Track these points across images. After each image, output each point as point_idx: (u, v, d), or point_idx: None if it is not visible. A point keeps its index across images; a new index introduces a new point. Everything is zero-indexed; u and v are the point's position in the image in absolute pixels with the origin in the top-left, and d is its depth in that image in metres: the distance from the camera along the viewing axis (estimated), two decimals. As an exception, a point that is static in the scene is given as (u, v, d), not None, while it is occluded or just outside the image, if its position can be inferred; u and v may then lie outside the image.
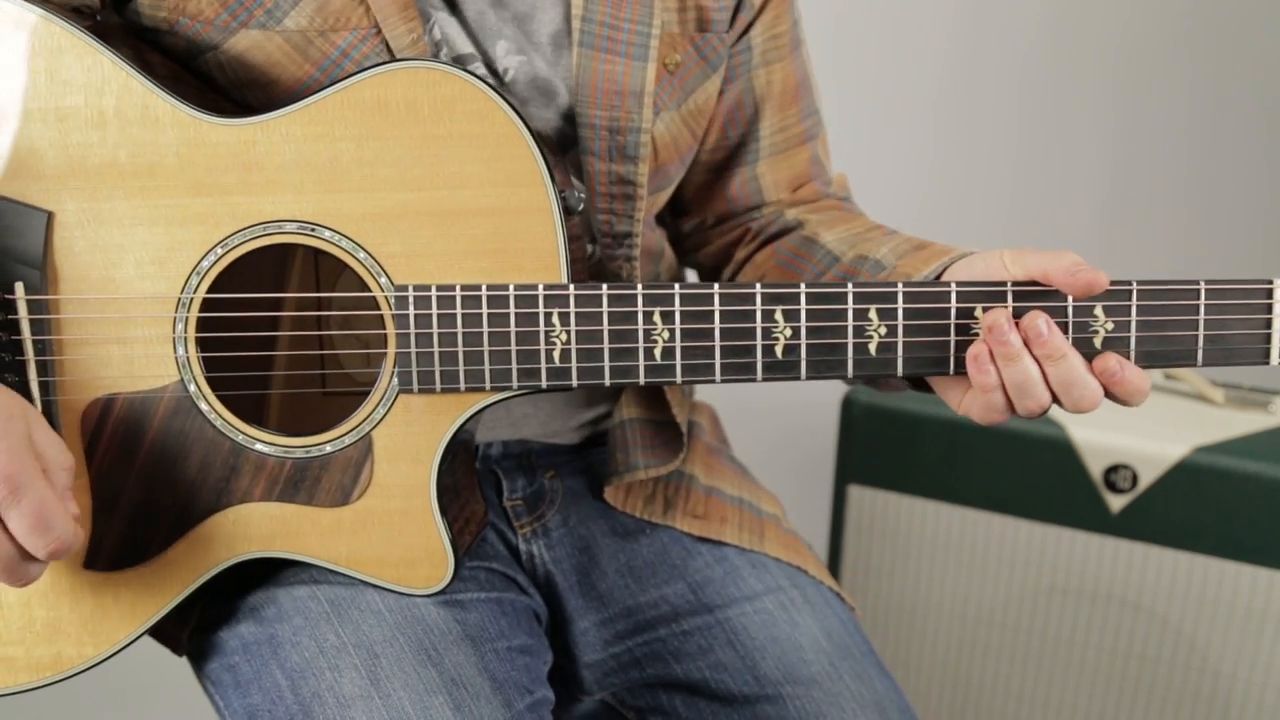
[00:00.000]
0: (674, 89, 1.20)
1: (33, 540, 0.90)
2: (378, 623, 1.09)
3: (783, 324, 1.00)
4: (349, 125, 1.00)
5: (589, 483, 1.30)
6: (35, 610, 1.07)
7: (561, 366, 1.01)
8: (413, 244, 1.01)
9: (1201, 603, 1.75)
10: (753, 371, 1.01)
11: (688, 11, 1.19)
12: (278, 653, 1.09)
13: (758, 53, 1.26)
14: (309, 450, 1.04)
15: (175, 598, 1.07)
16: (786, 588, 1.26)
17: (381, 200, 1.00)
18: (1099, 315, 0.98)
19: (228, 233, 1.01)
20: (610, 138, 1.16)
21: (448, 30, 1.12)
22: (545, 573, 1.26)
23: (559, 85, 1.15)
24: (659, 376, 1.01)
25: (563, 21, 1.15)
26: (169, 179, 1.01)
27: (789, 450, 2.35)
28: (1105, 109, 2.45)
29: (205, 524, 1.05)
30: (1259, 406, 1.84)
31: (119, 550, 1.06)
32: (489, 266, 1.01)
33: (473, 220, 1.00)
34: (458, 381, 1.01)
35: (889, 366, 1.00)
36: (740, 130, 1.28)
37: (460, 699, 1.05)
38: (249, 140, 1.00)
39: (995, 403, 0.99)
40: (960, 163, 2.47)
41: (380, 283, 1.01)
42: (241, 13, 1.06)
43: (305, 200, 1.00)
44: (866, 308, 0.99)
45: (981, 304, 0.99)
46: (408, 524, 1.05)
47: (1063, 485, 1.78)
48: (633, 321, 1.00)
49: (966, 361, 0.99)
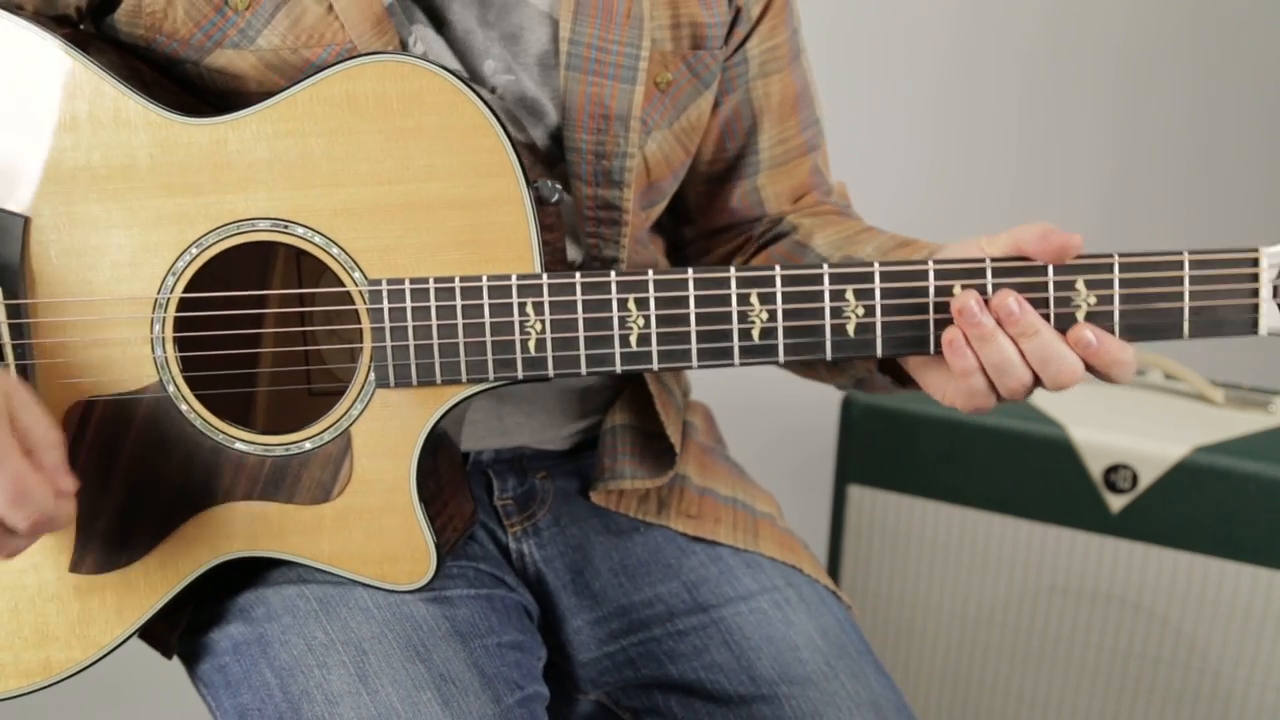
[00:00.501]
0: (666, 107, 1.20)
1: (11, 514, 0.90)
2: (366, 620, 1.09)
3: (758, 307, 0.99)
4: (319, 121, 1.00)
5: (581, 484, 1.30)
6: (23, 616, 1.07)
7: (537, 356, 1.01)
8: (385, 238, 1.01)
9: (1201, 603, 1.74)
10: (730, 356, 1.00)
11: (681, 29, 1.19)
12: (267, 652, 1.10)
13: (755, 65, 1.25)
14: (288, 448, 1.04)
15: (161, 599, 1.07)
16: (782, 587, 1.25)
17: (353, 195, 1.00)
18: (1080, 289, 0.98)
19: (201, 232, 1.01)
20: (596, 162, 1.16)
21: (432, 45, 1.12)
22: (536, 571, 1.26)
23: (547, 105, 1.15)
24: (636, 364, 1.01)
25: (550, 42, 1.14)
26: (142, 180, 1.01)
27: (788, 450, 2.35)
28: (1106, 108, 2.45)
29: (188, 524, 1.06)
30: (1259, 406, 1.84)
31: (103, 553, 1.06)
32: (462, 258, 1.01)
33: (445, 212, 1.00)
34: (434, 375, 1.01)
35: (868, 347, 1.00)
36: (739, 142, 1.28)
37: (449, 694, 1.05)
38: (220, 139, 1.01)
39: (977, 386, 0.99)
40: (960, 162, 2.48)
41: (354, 277, 1.01)
42: (215, 33, 1.07)
43: (277, 197, 1.01)
44: (843, 288, 0.99)
45: (960, 281, 0.98)
46: (389, 519, 1.05)
47: (1063, 485, 1.78)
48: (607, 309, 1.00)
49: (943, 348, 0.98)
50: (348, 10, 1.07)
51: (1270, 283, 0.97)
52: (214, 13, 1.07)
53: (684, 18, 1.19)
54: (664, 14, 1.17)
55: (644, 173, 1.21)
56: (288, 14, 1.07)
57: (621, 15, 1.14)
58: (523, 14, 1.14)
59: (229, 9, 1.07)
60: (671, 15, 1.18)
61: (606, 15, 1.14)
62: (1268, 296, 0.97)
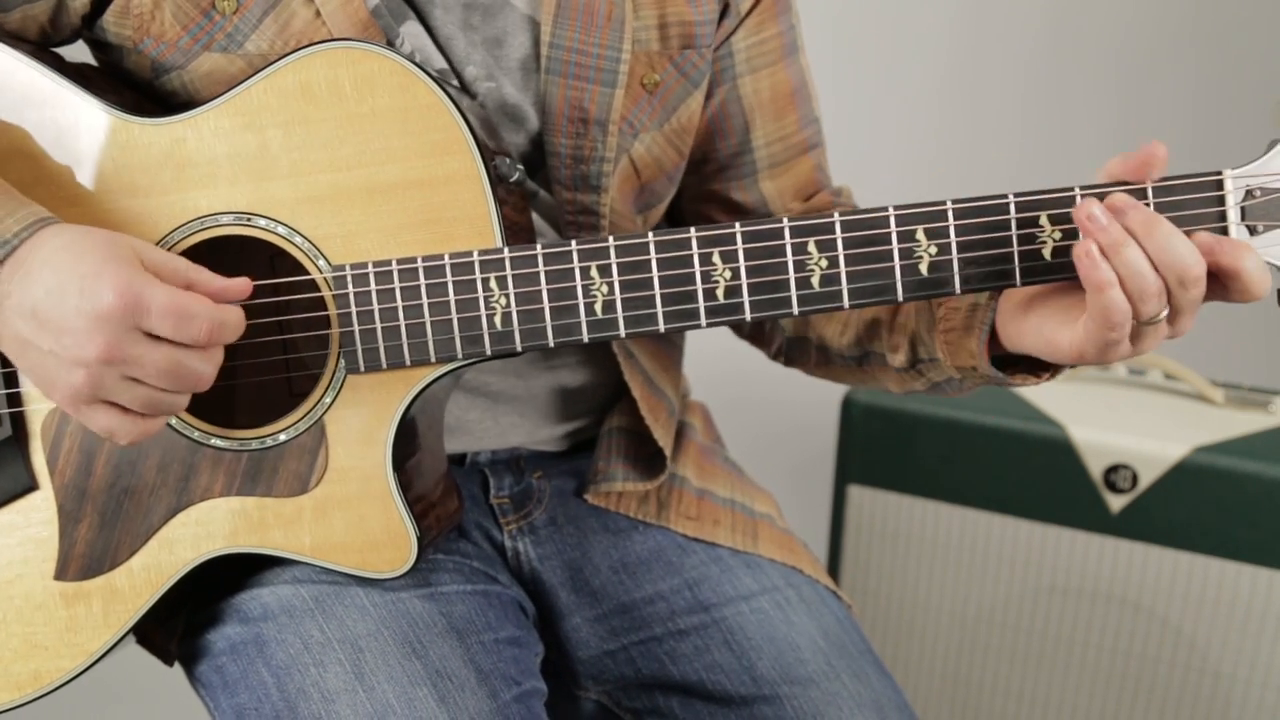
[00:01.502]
0: (655, 109, 1.20)
1: (186, 328, 0.93)
2: (362, 617, 1.09)
3: (721, 266, 1.00)
4: (274, 113, 1.02)
5: (577, 485, 1.31)
6: (10, 627, 1.08)
7: (504, 330, 1.02)
8: (347, 224, 1.02)
9: (1201, 603, 1.74)
10: (696, 317, 1.01)
11: (669, 29, 1.19)
12: (263, 651, 1.10)
13: (741, 59, 1.25)
14: (264, 441, 1.05)
15: (146, 602, 1.07)
16: (782, 587, 1.25)
17: (313, 183, 1.02)
18: (1045, 225, 0.98)
19: (166, 231, 1.03)
20: (574, 166, 1.17)
21: (421, 44, 1.13)
22: (531, 570, 1.26)
23: (529, 110, 1.16)
24: (603, 331, 1.01)
25: (532, 46, 1.16)
26: (106, 184, 1.03)
27: (788, 450, 2.35)
28: (1107, 107, 2.46)
29: (169, 525, 1.06)
30: (1259, 406, 1.84)
31: (87, 559, 1.07)
32: (424, 238, 1.02)
33: (404, 194, 1.02)
34: (403, 357, 1.02)
35: (835, 299, 1.00)
36: (733, 141, 1.27)
37: (445, 690, 1.05)
38: (179, 138, 1.03)
39: (1116, 302, 0.93)
40: (961, 161, 2.49)
41: (318, 265, 1.02)
42: (202, 36, 1.09)
43: (238, 191, 1.02)
44: (805, 240, 1.00)
45: (923, 225, 0.99)
46: (367, 506, 1.06)
47: (1063, 485, 1.78)
48: (570, 279, 1.01)
49: (1078, 261, 0.93)
50: (334, 15, 1.09)
51: (1237, 205, 0.96)
52: (201, 16, 1.09)
53: (671, 17, 1.19)
54: (650, 14, 1.18)
55: (633, 175, 1.21)
56: (275, 19, 1.09)
57: (603, 18, 1.16)
58: (507, 18, 1.15)
59: (216, 13, 1.09)
60: (659, 15, 1.19)
61: (588, 18, 1.15)
62: (1235, 220, 0.97)
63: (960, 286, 1.00)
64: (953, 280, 1.00)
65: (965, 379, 1.11)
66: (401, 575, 1.07)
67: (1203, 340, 1.76)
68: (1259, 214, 0.97)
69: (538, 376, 1.26)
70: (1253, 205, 0.97)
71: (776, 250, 1.00)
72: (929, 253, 0.99)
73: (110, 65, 1.15)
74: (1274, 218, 0.97)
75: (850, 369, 1.24)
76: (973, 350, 1.07)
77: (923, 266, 1.00)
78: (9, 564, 1.08)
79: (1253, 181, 0.97)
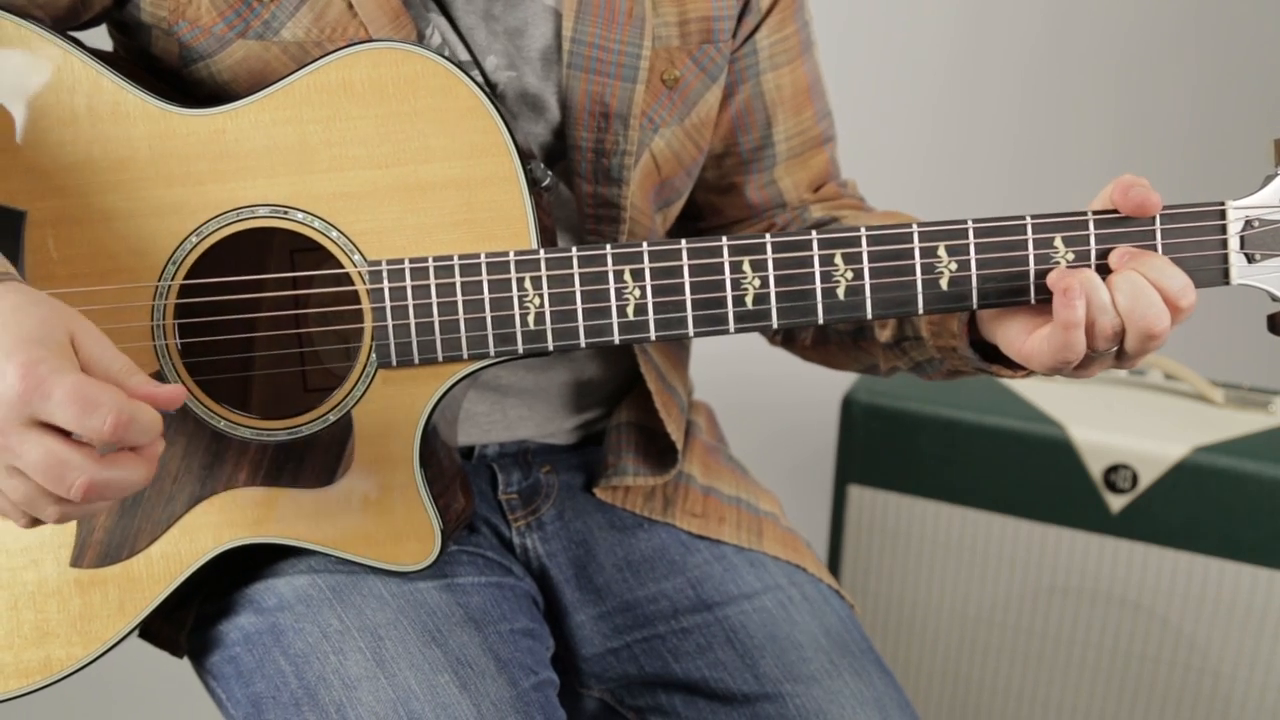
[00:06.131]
0: (675, 104, 1.25)
1: (87, 421, 0.85)
2: (380, 607, 1.14)
3: (751, 274, 1.07)
4: (316, 108, 1.07)
5: (585, 479, 1.35)
6: (23, 613, 1.11)
7: (536, 330, 1.08)
8: (383, 220, 1.08)
9: (1201, 603, 1.79)
10: (725, 323, 1.08)
11: (689, 24, 1.24)
12: (280, 640, 1.14)
13: (764, 56, 1.31)
14: (291, 432, 1.10)
15: (164, 591, 1.11)
16: (785, 586, 1.30)
17: (351, 179, 1.08)
18: (1059, 246, 1.06)
19: (201, 220, 1.08)
20: (596, 159, 1.22)
21: (448, 36, 1.18)
22: (539, 565, 1.31)
23: (550, 100, 1.21)
24: (634, 333, 1.08)
25: (554, 38, 1.20)
26: (142, 172, 1.08)
27: (789, 449, 2.37)
28: (1109, 106, 2.49)
29: (191, 513, 1.11)
30: (1259, 406, 1.89)
31: (105, 545, 1.11)
32: (460, 237, 1.08)
33: (441, 193, 1.08)
34: (435, 352, 1.08)
35: (858, 309, 1.07)
36: (754, 136, 1.32)
37: (466, 678, 1.10)
38: (219, 129, 1.08)
39: (1076, 342, 1.03)
40: (962, 161, 2.53)
41: (354, 260, 1.08)
42: (239, 23, 1.13)
43: (277, 184, 1.08)
44: (832, 253, 1.07)
45: (944, 242, 1.06)
46: (392, 499, 1.11)
47: (1063, 485, 1.83)
48: (604, 281, 1.07)
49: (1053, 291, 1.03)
50: (365, 5, 1.14)
51: (1237, 234, 1.06)
52: (240, 2, 1.13)
53: (692, 13, 1.24)
54: (671, 11, 1.24)
55: (654, 170, 1.26)
56: (311, 7, 1.13)
57: (624, 15, 1.21)
58: (529, 9, 1.20)
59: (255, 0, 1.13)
60: (679, 12, 1.24)
61: (609, 15, 1.20)
62: (1235, 248, 1.06)
63: (978, 301, 1.08)
64: (971, 295, 1.08)
65: (945, 359, 1.18)
66: (426, 568, 1.12)
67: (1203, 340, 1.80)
68: (1256, 243, 1.06)
69: (550, 370, 1.31)
70: (1251, 235, 1.06)
71: (805, 261, 1.07)
72: (949, 269, 1.07)
73: (134, 51, 1.19)
74: (1270, 247, 1.06)
75: (845, 345, 1.29)
76: (953, 330, 1.15)
77: (943, 282, 1.07)
78: (24, 549, 1.10)
79: (1251, 213, 1.06)
